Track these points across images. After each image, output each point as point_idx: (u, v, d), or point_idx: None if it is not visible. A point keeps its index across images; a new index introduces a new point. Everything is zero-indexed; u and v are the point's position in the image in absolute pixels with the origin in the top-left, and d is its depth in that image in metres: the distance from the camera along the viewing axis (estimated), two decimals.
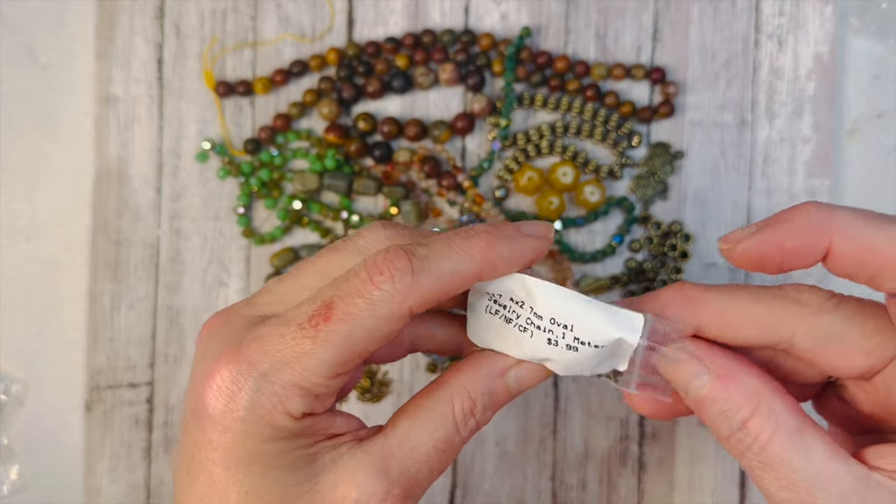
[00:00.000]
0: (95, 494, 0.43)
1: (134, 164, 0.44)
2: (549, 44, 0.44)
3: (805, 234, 0.24)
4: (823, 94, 0.43)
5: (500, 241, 0.25)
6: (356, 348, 0.24)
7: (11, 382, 0.45)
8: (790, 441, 0.23)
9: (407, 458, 0.25)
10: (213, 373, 0.24)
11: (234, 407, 0.24)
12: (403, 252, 0.24)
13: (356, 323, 0.23)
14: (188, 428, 0.25)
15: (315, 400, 0.24)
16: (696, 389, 0.25)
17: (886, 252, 0.23)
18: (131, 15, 0.44)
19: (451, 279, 0.24)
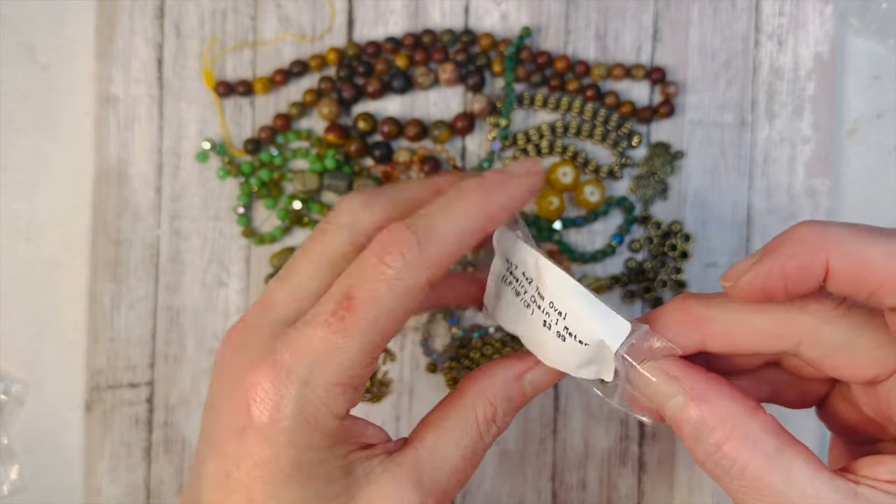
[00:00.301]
0: (95, 494, 0.43)
1: (134, 164, 0.44)
2: (549, 44, 0.44)
3: (802, 256, 0.23)
4: (823, 94, 0.43)
5: (493, 191, 0.26)
6: (384, 330, 0.24)
7: (11, 382, 0.45)
8: (769, 463, 0.23)
9: (437, 469, 0.25)
10: (253, 385, 0.24)
11: (279, 417, 0.23)
12: (405, 227, 0.24)
13: (379, 307, 0.24)
14: (222, 446, 0.25)
15: (355, 392, 0.25)
16: (671, 410, 0.25)
17: (883, 267, 0.23)
18: (131, 15, 0.44)
19: (458, 241, 0.25)
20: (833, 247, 0.23)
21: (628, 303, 0.43)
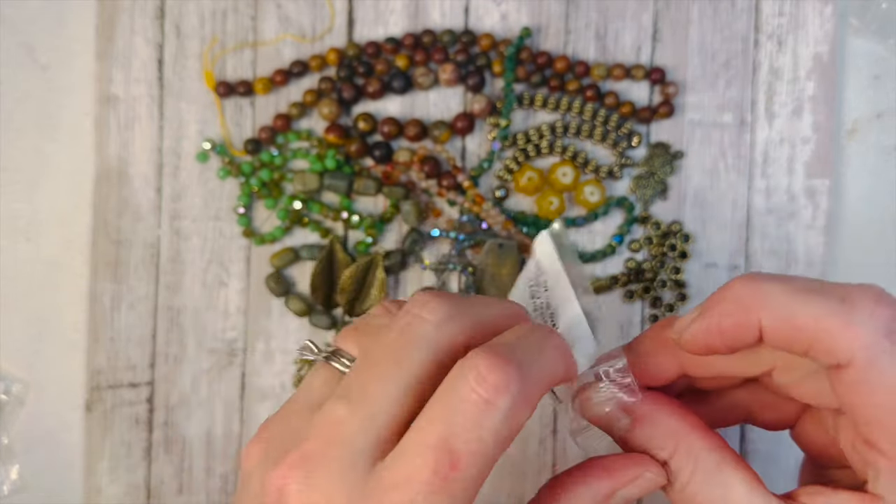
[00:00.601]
0: (95, 494, 0.43)
1: (134, 164, 0.44)
2: (548, 44, 0.44)
3: (736, 315, 0.23)
4: (823, 94, 0.43)
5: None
6: (486, 475, 0.22)
7: (11, 382, 0.45)
8: (708, 479, 0.24)
9: None
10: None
11: None
12: (506, 359, 0.22)
13: (485, 460, 0.21)
14: None
15: None
16: (618, 430, 0.25)
17: (813, 330, 0.22)
18: (131, 15, 0.44)
19: (547, 385, 0.23)
20: (764, 307, 0.23)
21: (628, 302, 0.43)
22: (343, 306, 0.43)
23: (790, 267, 0.43)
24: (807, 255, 0.43)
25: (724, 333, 0.24)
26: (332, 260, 0.43)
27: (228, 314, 0.44)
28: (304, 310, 0.43)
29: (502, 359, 0.21)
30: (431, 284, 0.44)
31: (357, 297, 0.43)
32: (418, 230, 0.44)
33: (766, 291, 0.23)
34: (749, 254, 0.43)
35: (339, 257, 0.43)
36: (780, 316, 0.23)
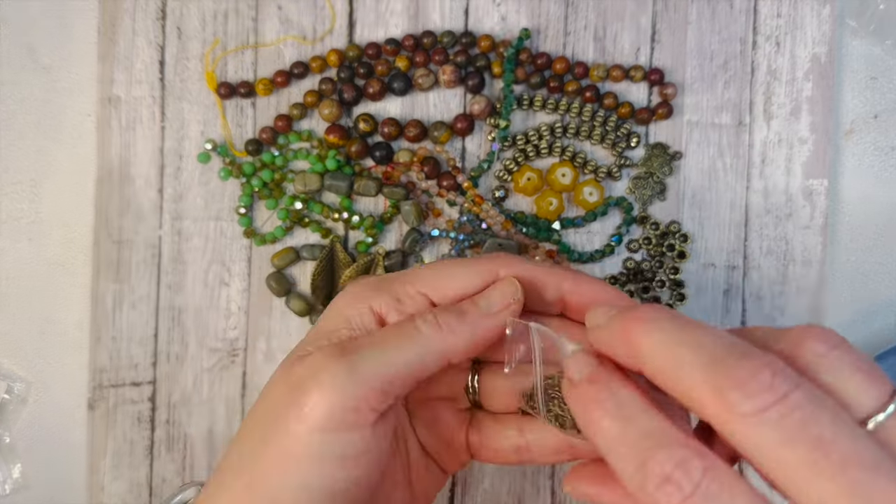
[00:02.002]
0: (98, 492, 0.44)
1: (136, 165, 0.44)
2: (548, 45, 0.44)
3: (623, 353, 0.24)
4: (821, 95, 0.43)
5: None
6: (444, 274, 0.30)
7: (14, 381, 0.45)
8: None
9: (357, 338, 0.28)
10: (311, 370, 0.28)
11: (348, 290, 0.30)
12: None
13: (456, 260, 0.30)
14: None
15: (395, 304, 0.29)
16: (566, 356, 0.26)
17: (686, 396, 0.21)
18: (133, 16, 0.44)
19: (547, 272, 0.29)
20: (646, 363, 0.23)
21: None
22: None
23: (788, 267, 0.43)
24: (804, 255, 0.43)
25: (614, 356, 0.25)
26: (332, 260, 0.44)
27: (230, 314, 0.44)
28: (304, 309, 0.44)
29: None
30: None
31: None
32: (418, 230, 0.44)
33: (650, 347, 0.23)
34: (747, 254, 0.43)
35: (339, 257, 0.44)
36: (660, 372, 0.22)
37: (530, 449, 0.30)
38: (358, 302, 0.29)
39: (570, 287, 0.29)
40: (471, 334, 0.28)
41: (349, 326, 0.29)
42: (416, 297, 0.29)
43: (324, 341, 0.28)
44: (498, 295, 0.29)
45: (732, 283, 0.43)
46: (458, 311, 0.28)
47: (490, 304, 0.29)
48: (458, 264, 0.30)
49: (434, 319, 0.28)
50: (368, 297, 0.29)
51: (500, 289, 0.29)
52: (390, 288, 0.29)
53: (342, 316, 0.29)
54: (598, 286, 0.29)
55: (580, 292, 0.29)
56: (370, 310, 0.29)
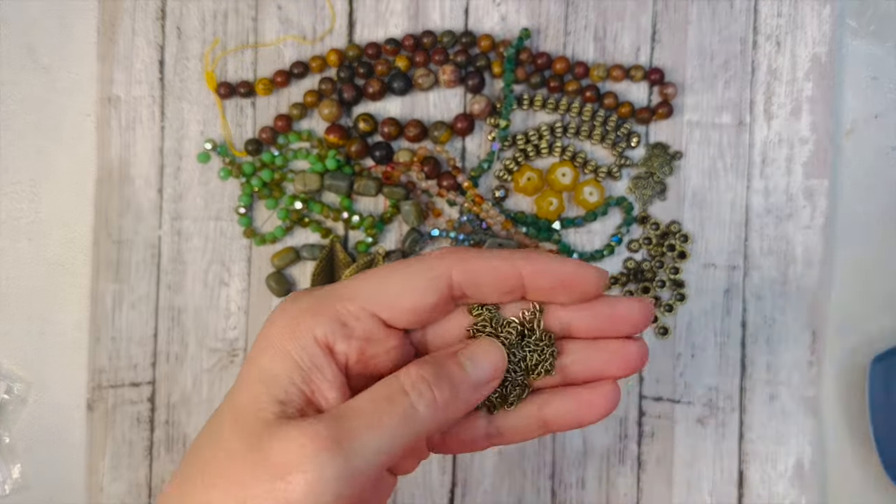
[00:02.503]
0: (97, 493, 0.44)
1: (136, 165, 0.44)
2: (548, 45, 0.44)
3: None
4: (821, 95, 0.43)
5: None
6: (393, 287, 0.26)
7: (14, 381, 0.45)
8: None
9: (343, 410, 0.24)
10: (286, 298, 0.27)
11: (277, 317, 0.26)
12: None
13: (400, 266, 0.26)
14: None
15: (340, 328, 0.26)
16: None
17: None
18: (133, 16, 0.44)
19: (499, 260, 0.27)
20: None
21: None
22: None
23: (788, 266, 0.43)
24: (805, 255, 0.43)
25: None
26: (332, 260, 0.44)
27: (229, 314, 0.44)
28: None
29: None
30: None
31: None
32: (418, 230, 0.44)
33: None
34: (747, 254, 0.43)
35: (339, 257, 0.44)
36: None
37: (502, 434, 0.29)
38: (298, 332, 0.25)
39: (529, 271, 0.27)
40: (464, 409, 0.26)
41: (300, 371, 0.25)
42: (363, 318, 0.26)
43: (279, 393, 0.25)
44: (486, 364, 0.27)
45: (733, 283, 0.43)
46: (450, 383, 0.26)
47: (479, 374, 0.26)
48: (403, 271, 0.26)
49: (431, 396, 0.25)
50: (308, 324, 0.25)
51: (487, 356, 0.27)
52: (331, 309, 0.26)
53: (285, 355, 0.25)
54: (556, 263, 0.27)
55: (539, 273, 0.27)
56: (314, 341, 0.25)
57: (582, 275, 0.27)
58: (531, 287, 0.27)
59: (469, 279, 0.26)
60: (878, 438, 0.42)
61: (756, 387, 0.43)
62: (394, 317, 0.26)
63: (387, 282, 0.26)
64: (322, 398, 0.25)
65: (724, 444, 0.43)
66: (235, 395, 0.26)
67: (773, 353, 0.43)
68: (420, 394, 0.25)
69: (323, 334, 0.25)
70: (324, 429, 0.23)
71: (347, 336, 0.26)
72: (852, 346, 0.44)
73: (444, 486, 0.44)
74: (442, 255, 0.27)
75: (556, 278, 0.26)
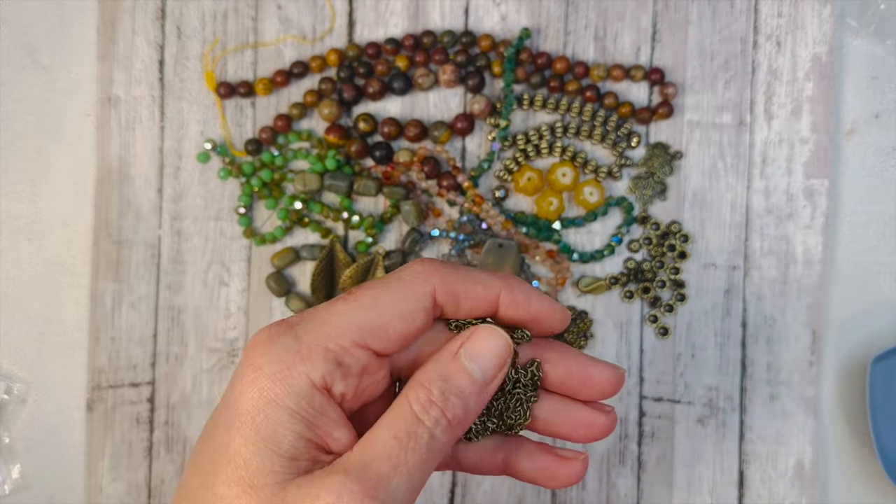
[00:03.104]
0: (97, 493, 0.44)
1: (135, 165, 0.44)
2: (548, 45, 0.44)
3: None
4: (822, 95, 0.43)
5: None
6: (382, 315, 0.24)
7: (13, 382, 0.45)
8: None
9: (366, 454, 0.23)
10: (254, 336, 0.25)
11: (262, 362, 0.24)
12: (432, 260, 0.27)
13: (384, 290, 0.25)
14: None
15: (337, 369, 0.24)
16: None
17: None
18: (133, 16, 0.44)
19: (478, 282, 0.26)
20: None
21: (627, 302, 0.44)
22: None
23: (789, 266, 0.43)
24: (805, 255, 0.43)
25: None
26: (332, 260, 0.44)
27: (229, 314, 0.44)
28: (304, 309, 0.44)
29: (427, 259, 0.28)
30: None
31: None
32: (418, 230, 0.44)
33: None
34: (748, 254, 0.43)
35: (339, 257, 0.43)
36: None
37: (459, 463, 0.28)
38: (291, 380, 0.23)
39: (506, 301, 0.26)
40: (473, 419, 0.25)
41: (305, 422, 0.23)
42: (356, 354, 0.24)
43: (289, 450, 0.23)
44: (490, 356, 0.26)
45: (733, 284, 0.43)
46: (460, 397, 0.25)
47: (485, 371, 0.25)
48: (390, 296, 0.25)
49: (445, 420, 0.24)
50: (301, 369, 0.24)
51: (490, 346, 0.26)
52: (322, 349, 0.24)
53: (284, 408, 0.23)
54: (531, 298, 0.27)
55: (515, 305, 0.26)
56: (312, 387, 0.24)
57: (551, 315, 0.27)
58: (504, 313, 0.27)
59: (450, 300, 0.26)
60: (879, 438, 0.42)
61: (756, 387, 0.43)
62: (385, 346, 0.25)
63: (375, 310, 0.25)
64: (331, 441, 0.24)
65: (725, 445, 0.43)
66: (235, 455, 0.23)
67: (773, 353, 0.43)
68: (436, 421, 0.24)
69: (320, 378, 0.24)
70: (355, 481, 0.22)
71: (345, 375, 0.24)
72: (852, 346, 0.44)
73: (443, 486, 0.44)
74: (423, 272, 0.26)
75: (528, 312, 0.27)
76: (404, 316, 0.25)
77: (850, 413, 0.44)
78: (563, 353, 0.27)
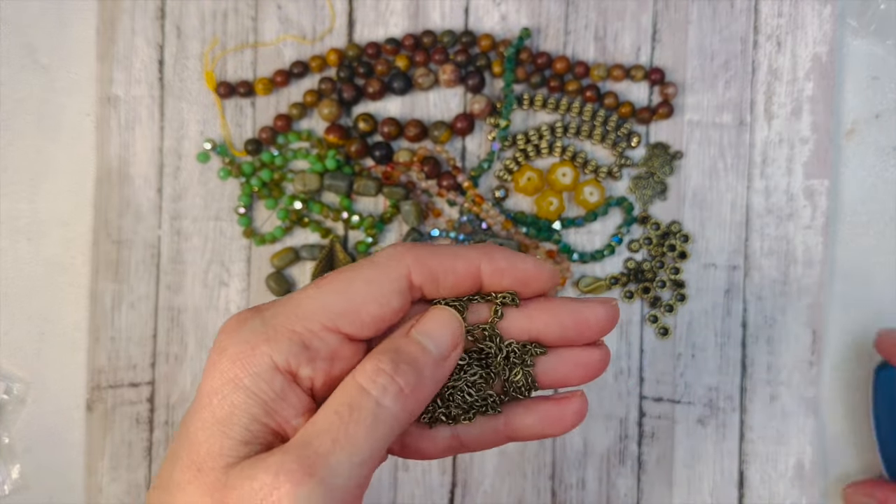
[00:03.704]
0: (96, 493, 0.44)
1: (135, 165, 0.44)
2: (548, 45, 0.44)
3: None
4: (822, 95, 0.43)
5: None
6: (355, 298, 0.24)
7: (13, 382, 0.45)
8: None
9: (307, 433, 0.22)
10: (228, 320, 0.25)
11: (226, 344, 0.23)
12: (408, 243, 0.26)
13: (357, 273, 0.24)
14: None
15: (303, 351, 0.23)
16: None
17: None
18: (132, 16, 0.44)
19: (456, 256, 0.25)
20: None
21: (627, 302, 0.44)
22: None
23: (789, 267, 0.43)
24: (805, 255, 0.43)
25: None
26: (332, 260, 0.44)
27: (229, 314, 0.44)
28: None
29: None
30: None
31: None
32: (418, 230, 0.44)
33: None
34: (748, 254, 0.43)
35: (339, 257, 0.43)
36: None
37: (463, 444, 0.28)
38: (252, 361, 0.23)
39: (488, 271, 0.26)
40: (434, 389, 0.25)
41: (262, 405, 0.23)
42: (325, 337, 0.24)
43: (241, 433, 0.23)
44: (444, 334, 0.25)
45: (733, 284, 0.43)
46: (412, 366, 0.24)
47: (440, 347, 0.25)
48: (361, 279, 0.24)
49: (396, 387, 0.23)
50: (263, 350, 0.23)
51: (442, 327, 0.25)
52: (287, 331, 0.23)
53: (242, 389, 0.23)
54: (515, 261, 0.26)
55: (499, 272, 0.26)
56: (274, 369, 0.23)
57: (538, 275, 0.26)
58: (489, 284, 0.26)
59: (428, 279, 0.25)
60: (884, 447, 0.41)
61: (756, 387, 0.43)
62: (358, 330, 0.24)
63: (347, 293, 0.24)
64: (289, 428, 0.23)
65: (725, 445, 0.43)
66: (192, 439, 0.23)
67: (773, 353, 0.43)
68: (384, 388, 0.23)
69: (284, 360, 0.23)
70: (293, 460, 0.21)
71: (311, 359, 0.23)
72: (852, 347, 0.44)
73: (444, 486, 0.44)
74: (396, 253, 0.25)
75: (514, 277, 0.26)
76: (378, 299, 0.24)
77: (850, 413, 0.44)
78: (554, 308, 0.27)
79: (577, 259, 0.44)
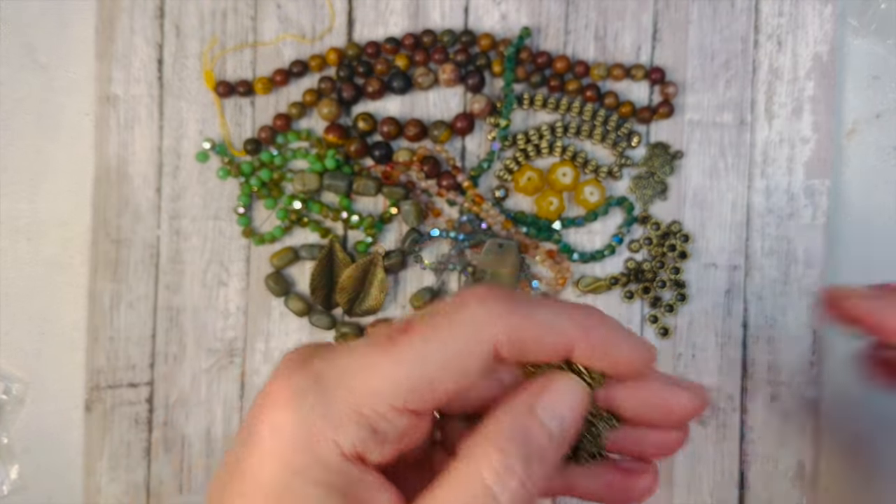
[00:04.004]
0: (95, 494, 0.43)
1: (134, 164, 0.44)
2: (548, 44, 0.44)
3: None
4: (823, 95, 0.43)
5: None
6: (429, 370, 0.20)
7: (12, 382, 0.45)
8: None
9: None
10: (273, 380, 0.21)
11: (282, 423, 0.20)
12: (496, 287, 0.22)
13: (435, 334, 0.21)
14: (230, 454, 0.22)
15: (371, 437, 0.21)
16: None
17: None
18: (131, 15, 0.44)
19: (549, 331, 0.22)
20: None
21: (627, 302, 0.44)
22: (343, 306, 0.43)
23: (790, 266, 0.43)
24: (806, 255, 0.43)
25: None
26: (331, 260, 0.43)
27: (228, 314, 0.44)
28: (303, 309, 0.43)
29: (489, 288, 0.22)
30: (431, 285, 0.44)
31: (357, 296, 0.43)
32: (418, 230, 0.44)
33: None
34: (749, 254, 0.43)
35: (338, 257, 0.43)
36: None
37: None
38: (317, 449, 0.20)
39: (582, 347, 0.22)
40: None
41: (339, 495, 0.20)
42: (396, 420, 0.21)
43: None
44: (573, 415, 0.22)
45: (734, 284, 0.43)
46: (542, 458, 0.21)
47: (564, 429, 0.22)
48: (432, 343, 0.21)
49: (526, 492, 0.20)
50: (328, 435, 0.20)
51: (572, 404, 0.22)
52: (352, 413, 0.20)
53: (312, 482, 0.20)
54: (612, 340, 0.22)
55: (593, 350, 0.22)
56: (342, 457, 0.20)
57: (634, 360, 0.23)
58: (579, 358, 0.23)
59: (515, 347, 0.21)
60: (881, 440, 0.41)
61: (757, 387, 0.43)
62: (429, 407, 0.21)
63: (420, 365, 0.20)
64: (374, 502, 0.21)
65: (725, 445, 0.43)
66: None
67: (774, 353, 0.43)
68: (513, 494, 0.20)
69: (351, 447, 0.20)
70: None
71: (381, 442, 0.21)
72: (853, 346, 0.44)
73: None
74: (486, 315, 0.21)
75: (609, 363, 0.23)
76: (456, 377, 0.21)
77: (850, 413, 0.44)
78: (637, 385, 0.24)
79: (577, 259, 0.43)
